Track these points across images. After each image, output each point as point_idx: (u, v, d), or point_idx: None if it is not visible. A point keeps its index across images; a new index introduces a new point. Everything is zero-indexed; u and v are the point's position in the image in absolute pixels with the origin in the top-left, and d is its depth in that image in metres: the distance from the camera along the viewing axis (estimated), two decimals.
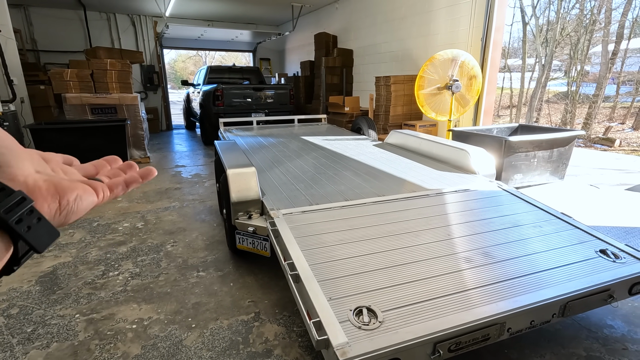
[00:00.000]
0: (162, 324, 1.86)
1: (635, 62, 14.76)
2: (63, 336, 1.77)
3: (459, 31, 5.17)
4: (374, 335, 1.24)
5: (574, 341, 1.70)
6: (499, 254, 1.76)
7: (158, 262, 2.52)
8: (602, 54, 13.35)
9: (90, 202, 0.37)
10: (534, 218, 2.15)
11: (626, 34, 12.48)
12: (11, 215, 0.30)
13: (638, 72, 13.95)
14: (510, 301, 1.43)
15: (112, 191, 0.41)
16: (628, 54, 13.60)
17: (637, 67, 14.69)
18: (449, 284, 1.52)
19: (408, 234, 1.91)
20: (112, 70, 5.78)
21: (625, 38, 12.50)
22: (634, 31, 12.73)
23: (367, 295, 1.43)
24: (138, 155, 5.75)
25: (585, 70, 14.41)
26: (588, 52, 14.13)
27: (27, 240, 0.31)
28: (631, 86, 14.19)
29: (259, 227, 2.10)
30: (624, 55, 13.30)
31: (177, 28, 10.35)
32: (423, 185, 2.60)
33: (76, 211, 0.36)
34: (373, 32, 7.25)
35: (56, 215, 0.34)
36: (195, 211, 3.54)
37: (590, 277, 1.60)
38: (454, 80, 4.13)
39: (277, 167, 3.09)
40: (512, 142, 3.38)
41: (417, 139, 3.60)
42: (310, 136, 4.58)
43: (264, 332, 1.79)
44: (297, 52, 11.20)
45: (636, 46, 13.90)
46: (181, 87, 14.40)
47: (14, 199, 0.30)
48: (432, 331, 1.26)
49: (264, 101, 7.17)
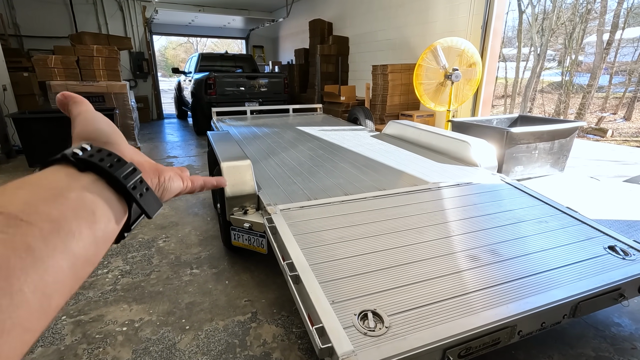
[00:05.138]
0: (154, 326, 1.77)
1: (629, 52, 14.78)
2: (48, 340, 1.68)
3: (459, 19, 5.04)
4: (380, 342, 1.17)
5: (581, 340, 1.65)
6: (505, 251, 1.70)
7: (149, 258, 2.42)
8: (597, 43, 13.31)
9: (178, 185, 0.42)
10: (539, 213, 2.09)
11: (621, 24, 12.43)
12: (128, 181, 0.33)
13: (632, 62, 13.98)
14: (521, 303, 1.37)
15: (193, 184, 0.45)
16: (622, 44, 13.59)
17: (630, 57, 14.72)
18: (456, 284, 1.45)
19: (411, 231, 1.84)
20: (99, 56, 5.55)
21: (620, 28, 12.45)
22: (627, 21, 12.69)
23: (372, 298, 1.36)
24: None
25: (578, 60, 14.39)
26: (582, 41, 14.09)
27: (141, 205, 0.34)
28: (624, 76, 14.23)
29: (255, 223, 2.01)
30: (617, 45, 13.29)
31: (166, 13, 10.00)
32: (424, 178, 2.52)
33: (169, 190, 0.40)
34: (369, 19, 7.07)
35: (156, 189, 0.38)
36: (187, 204, 3.43)
37: (600, 276, 1.54)
38: (453, 69, 4.02)
39: (272, 159, 2.98)
40: (514, 133, 3.31)
41: (416, 129, 3.51)
42: (305, 126, 4.46)
43: (261, 334, 1.72)
44: (291, 40, 10.95)
45: (630, 36, 13.89)
46: (172, 75, 14.07)
47: (128, 168, 0.34)
48: (441, 337, 1.19)
49: (258, 90, 6.99)
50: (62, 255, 0.26)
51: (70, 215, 0.28)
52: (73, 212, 0.28)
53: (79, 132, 0.37)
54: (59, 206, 0.27)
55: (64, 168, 0.31)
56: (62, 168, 0.31)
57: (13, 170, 4.69)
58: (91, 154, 0.32)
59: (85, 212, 0.29)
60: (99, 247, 0.30)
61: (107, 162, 0.33)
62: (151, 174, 0.38)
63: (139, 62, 9.29)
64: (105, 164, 0.32)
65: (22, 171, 4.60)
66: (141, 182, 0.35)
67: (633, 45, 14.31)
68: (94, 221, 0.29)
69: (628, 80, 13.45)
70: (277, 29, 11.87)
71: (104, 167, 0.32)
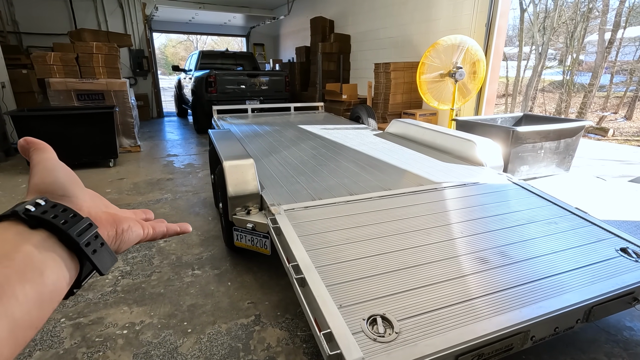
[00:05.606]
0: (155, 329, 1.73)
1: (631, 52, 14.73)
2: (47, 343, 1.64)
3: (462, 16, 4.99)
4: (391, 348, 1.13)
5: (593, 345, 1.61)
6: (515, 253, 1.66)
7: (150, 259, 2.38)
8: (599, 42, 13.26)
9: (137, 235, 0.41)
10: (548, 214, 2.05)
11: (622, 22, 12.37)
12: (82, 238, 0.32)
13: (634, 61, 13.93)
14: (534, 307, 1.33)
15: (154, 231, 0.44)
16: (624, 43, 13.54)
17: (631, 56, 14.67)
18: (466, 288, 1.41)
19: (418, 232, 1.80)
20: (99, 54, 5.49)
21: (622, 27, 12.39)
22: (629, 20, 12.63)
23: (381, 302, 1.32)
24: (128, 144, 5.52)
25: (580, 59, 14.34)
26: (584, 40, 14.04)
27: (94, 263, 0.34)
28: (625, 76, 14.18)
29: (258, 223, 1.96)
30: (619, 45, 13.23)
31: (166, 10, 9.94)
32: (430, 178, 2.48)
33: (127, 241, 0.39)
34: (371, 17, 7.01)
35: (112, 243, 0.37)
36: (188, 204, 3.38)
37: (614, 280, 1.51)
38: (457, 68, 3.98)
39: (275, 158, 2.94)
40: (521, 132, 3.26)
41: (420, 128, 3.47)
42: (307, 125, 4.42)
43: (265, 338, 1.68)
44: (292, 38, 10.88)
45: (632, 35, 13.84)
46: (172, 73, 13.99)
47: (83, 224, 0.33)
48: (453, 343, 1.15)
49: (259, 88, 6.94)
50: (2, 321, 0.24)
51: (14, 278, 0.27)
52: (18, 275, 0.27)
53: (36, 182, 0.36)
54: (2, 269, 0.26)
55: (13, 225, 0.30)
56: (11, 225, 0.30)
57: (11, 168, 4.65)
58: (44, 209, 0.32)
59: (32, 274, 0.28)
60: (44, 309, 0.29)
61: (61, 218, 0.32)
62: (108, 226, 0.37)
63: (139, 60, 9.22)
64: (59, 220, 0.32)
65: (21, 169, 4.55)
66: (96, 238, 0.34)
67: (634, 44, 14.26)
68: (42, 282, 0.29)
69: (629, 79, 13.40)
70: (278, 26, 11.80)
71: (57, 225, 0.31)
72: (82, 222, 0.33)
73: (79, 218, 0.33)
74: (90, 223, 0.34)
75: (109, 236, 0.37)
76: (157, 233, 0.44)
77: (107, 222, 0.37)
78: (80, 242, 0.32)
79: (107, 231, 0.37)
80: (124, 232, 0.38)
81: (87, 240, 0.33)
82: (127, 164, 4.79)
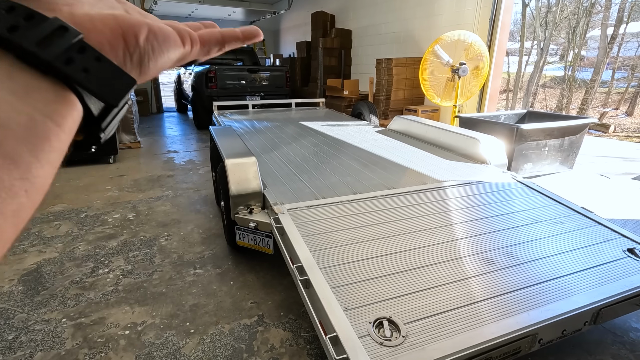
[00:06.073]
0: (157, 329, 1.71)
1: (633, 47, 14.64)
2: (48, 344, 1.62)
3: (465, 11, 4.94)
4: (398, 353, 1.11)
5: (599, 347, 1.60)
6: (522, 254, 1.64)
7: (151, 257, 2.36)
8: (601, 37, 13.17)
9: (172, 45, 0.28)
10: (553, 213, 2.03)
11: (625, 18, 12.28)
12: (51, 51, 0.21)
13: (636, 57, 13.86)
14: (542, 310, 1.31)
15: (204, 44, 0.31)
16: (626, 39, 13.45)
17: (634, 51, 14.58)
18: (473, 290, 1.39)
19: (423, 232, 1.77)
20: None
21: (624, 22, 12.30)
22: (631, 15, 12.54)
23: (387, 305, 1.30)
24: (127, 139, 5.48)
25: (581, 55, 14.26)
26: (586, 35, 13.94)
27: (84, 85, 0.22)
28: (626, 71, 14.11)
29: (261, 222, 1.94)
30: (621, 40, 13.15)
31: (166, 5, 9.84)
32: (433, 176, 2.46)
33: (155, 55, 0.27)
34: (373, 12, 6.94)
35: (126, 60, 0.25)
36: (189, 201, 3.36)
37: (622, 281, 1.49)
38: (460, 64, 3.94)
39: (276, 156, 2.91)
40: (525, 130, 3.23)
41: (423, 125, 3.44)
42: (309, 121, 4.38)
43: (269, 338, 1.66)
44: (292, 32, 10.80)
45: (634, 30, 13.74)
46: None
47: (49, 28, 0.21)
48: (461, 347, 1.13)
49: (259, 84, 6.88)
50: None
51: None
52: None
53: None
54: None
55: None
56: None
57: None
58: None
59: None
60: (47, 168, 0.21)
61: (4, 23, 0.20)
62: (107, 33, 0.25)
63: None
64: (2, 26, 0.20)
65: None
66: (83, 50, 0.22)
67: (637, 39, 14.17)
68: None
69: (631, 75, 13.34)
70: (278, 21, 11.70)
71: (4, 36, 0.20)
72: (46, 25, 0.21)
73: (40, 19, 0.21)
74: (62, 25, 0.22)
75: (114, 48, 0.25)
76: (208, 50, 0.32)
77: (105, 26, 0.25)
78: (41, 55, 0.21)
79: (107, 40, 0.25)
80: (142, 43, 0.26)
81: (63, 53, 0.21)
82: (127, 160, 4.76)
